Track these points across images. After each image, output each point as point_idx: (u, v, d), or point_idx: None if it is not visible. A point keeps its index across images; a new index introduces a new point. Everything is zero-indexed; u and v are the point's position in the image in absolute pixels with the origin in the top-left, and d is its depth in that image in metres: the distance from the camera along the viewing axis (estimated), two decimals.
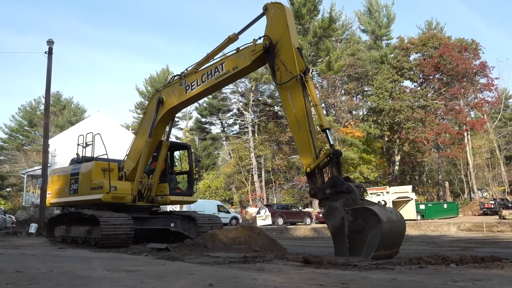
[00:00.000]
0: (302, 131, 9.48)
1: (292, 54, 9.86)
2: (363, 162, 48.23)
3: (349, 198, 8.39)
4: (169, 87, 13.00)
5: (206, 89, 11.99)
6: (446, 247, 14.19)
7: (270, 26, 10.39)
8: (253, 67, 11.41)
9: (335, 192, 8.65)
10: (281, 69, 10.00)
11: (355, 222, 8.15)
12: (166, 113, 13.01)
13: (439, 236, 25.13)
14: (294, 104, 9.68)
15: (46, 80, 21.85)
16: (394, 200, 38.45)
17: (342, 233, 8.34)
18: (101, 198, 12.62)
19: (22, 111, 69.93)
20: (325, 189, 8.84)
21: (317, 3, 46.53)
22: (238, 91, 57.40)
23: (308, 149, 9.37)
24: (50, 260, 7.89)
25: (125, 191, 13.00)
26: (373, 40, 55.16)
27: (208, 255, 8.68)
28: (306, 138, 9.41)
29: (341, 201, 8.47)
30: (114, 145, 13.64)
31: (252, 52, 10.61)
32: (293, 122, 9.74)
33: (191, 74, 12.16)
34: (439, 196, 51.77)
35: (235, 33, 11.57)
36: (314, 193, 9.10)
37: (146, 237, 13.75)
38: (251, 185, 53.43)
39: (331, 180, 8.84)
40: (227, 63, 11.24)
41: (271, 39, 10.20)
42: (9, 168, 59.30)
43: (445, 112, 49.41)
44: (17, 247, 12.13)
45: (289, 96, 9.79)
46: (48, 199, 15.61)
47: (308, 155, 9.34)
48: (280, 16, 10.20)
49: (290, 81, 9.73)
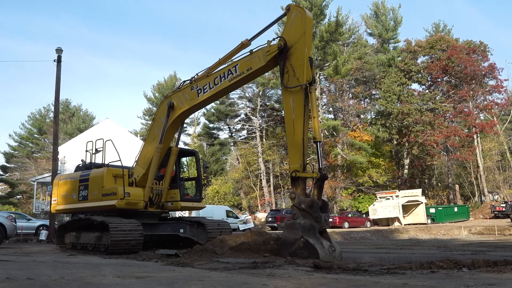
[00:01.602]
0: (296, 137, 9.97)
1: (302, 62, 10.11)
2: (372, 166, 48.03)
3: (312, 226, 9.26)
4: (180, 92, 13.00)
5: (219, 91, 12.14)
6: (457, 251, 14.03)
7: (289, 28, 10.62)
8: (267, 68, 11.61)
9: (307, 212, 9.39)
10: (290, 73, 10.25)
11: (301, 250, 9.15)
12: (177, 118, 13.04)
13: (450, 240, 24.91)
14: (295, 110, 10.06)
15: (55, 88, 22.02)
16: (403, 204, 38.25)
17: (288, 248, 9.36)
18: (115, 204, 12.57)
19: (32, 119, 70.58)
20: (302, 203, 9.54)
21: (323, 7, 46.65)
22: (246, 96, 57.50)
23: (297, 155, 9.91)
24: (61, 267, 7.91)
25: (138, 197, 12.99)
26: (380, 44, 55.07)
27: (218, 261, 8.66)
28: (298, 144, 9.93)
29: (305, 222, 9.29)
30: (123, 152, 13.64)
31: (267, 52, 10.80)
32: (290, 127, 10.17)
33: (203, 78, 12.26)
34: (449, 200, 51.35)
35: (247, 39, 11.69)
36: (294, 197, 9.72)
37: (156, 243, 13.76)
38: (259, 190, 53.37)
39: (310, 201, 9.48)
40: (240, 65, 11.40)
41: (286, 41, 10.42)
42: (19, 176, 59.87)
43: (454, 115, 49.11)
44: (28, 254, 12.19)
45: (292, 101, 10.17)
46: (54, 206, 15.26)
47: (296, 161, 9.91)
48: (301, 21, 10.39)
49: (295, 87, 10.05)
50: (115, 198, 12.63)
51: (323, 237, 9.44)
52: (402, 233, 31.63)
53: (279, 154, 54.74)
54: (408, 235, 30.92)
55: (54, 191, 15.34)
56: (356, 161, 45.20)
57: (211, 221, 15.10)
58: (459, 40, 52.05)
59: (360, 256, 11.65)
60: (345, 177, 47.36)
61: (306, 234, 9.14)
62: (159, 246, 13.43)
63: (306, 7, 44.37)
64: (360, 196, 47.53)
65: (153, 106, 66.10)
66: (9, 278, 5.99)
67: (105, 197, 12.97)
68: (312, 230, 9.23)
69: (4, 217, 15.67)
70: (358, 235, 29.74)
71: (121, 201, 12.57)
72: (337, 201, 47.31)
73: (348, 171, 48.41)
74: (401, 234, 31.49)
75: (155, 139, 13.22)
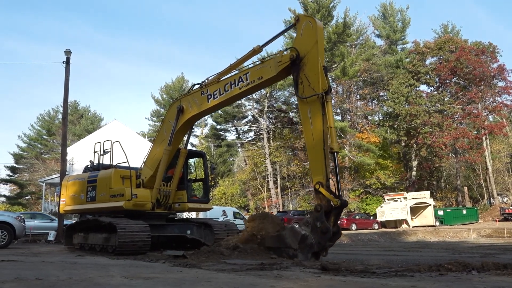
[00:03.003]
0: (317, 148, 9.78)
1: (317, 71, 10.00)
2: (380, 168, 47.81)
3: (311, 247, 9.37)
4: (190, 96, 12.99)
5: (228, 99, 12.09)
6: (466, 254, 13.94)
7: (300, 39, 10.54)
8: (278, 78, 11.54)
9: (318, 233, 9.37)
10: (304, 83, 10.14)
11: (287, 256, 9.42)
12: (186, 122, 13.05)
13: (459, 242, 24.73)
14: (313, 121, 9.89)
15: (64, 90, 22.16)
16: (411, 206, 38.04)
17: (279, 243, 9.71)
18: (122, 206, 12.62)
19: (41, 120, 71.10)
20: (319, 222, 9.43)
21: (331, 8, 46.55)
22: (253, 97, 57.40)
23: (320, 167, 9.74)
24: (69, 268, 7.96)
25: (145, 199, 13.02)
26: (388, 45, 54.84)
27: (225, 262, 8.66)
28: (319, 155, 9.74)
29: (308, 239, 9.33)
30: (131, 153, 13.70)
31: (278, 63, 10.73)
32: (309, 138, 9.98)
33: (213, 84, 12.19)
34: (458, 202, 50.97)
35: (259, 45, 11.65)
36: (319, 210, 9.51)
37: (163, 244, 13.79)
38: (266, 191, 53.33)
39: (325, 228, 9.38)
40: (251, 73, 11.33)
41: (298, 51, 10.33)
42: (28, 177, 60.32)
43: (462, 116, 48.76)
44: (36, 254, 12.28)
45: (309, 112, 10.00)
46: (62, 207, 15.27)
47: (319, 172, 9.72)
48: (311, 30, 10.32)
49: (311, 97, 9.91)
50: (123, 200, 12.69)
51: (314, 258, 9.50)
52: (410, 235, 31.47)
53: (286, 155, 54.65)
54: (416, 237, 30.75)
55: (63, 192, 15.40)
56: (363, 162, 45.02)
57: (218, 222, 15.13)
58: (468, 41, 51.69)
59: (368, 258, 11.59)
60: (352, 178, 47.18)
61: (301, 250, 9.30)
62: (166, 247, 13.46)
63: (314, 8, 44.54)
64: (368, 198, 47.33)
65: (161, 108, 66.32)
66: (18, 278, 6.04)
67: (113, 198, 13.03)
68: (309, 249, 9.38)
69: (13, 217, 15.81)
70: (365, 237, 29.64)
71: (128, 202, 12.63)
72: None
73: (356, 172, 48.24)
74: (409, 236, 31.33)
75: (164, 141, 13.26)
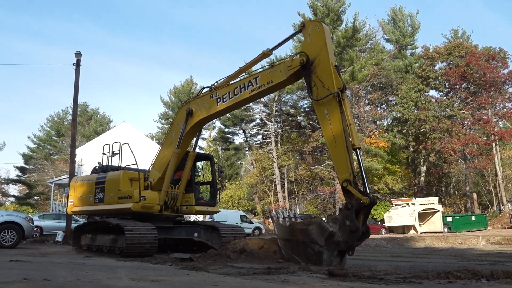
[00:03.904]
0: (339, 146, 9.65)
1: (330, 71, 10.00)
2: (388, 173, 47.54)
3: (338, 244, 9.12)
4: (199, 99, 13.07)
5: (238, 102, 12.15)
6: (475, 261, 13.78)
7: (308, 43, 10.61)
8: (288, 82, 11.58)
9: (347, 231, 9.11)
10: (318, 85, 10.11)
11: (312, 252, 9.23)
12: (195, 125, 13.13)
13: (467, 250, 24.47)
14: (331, 120, 9.81)
15: (73, 91, 22.32)
16: (420, 211, 37.75)
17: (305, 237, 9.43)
18: (130, 208, 12.67)
19: (50, 122, 71.65)
20: (349, 220, 9.17)
21: (340, 13, 46.52)
22: (261, 101, 57.41)
23: (344, 165, 9.58)
24: (77, 269, 7.99)
25: (153, 201, 13.05)
26: (398, 50, 54.63)
27: (232, 266, 8.65)
28: (343, 153, 9.60)
29: (335, 237, 9.09)
30: (139, 155, 13.76)
31: (288, 67, 10.78)
32: (330, 138, 9.87)
33: (223, 87, 12.25)
34: (466, 208, 50.52)
35: (269, 48, 11.74)
36: (350, 208, 9.24)
37: (170, 246, 13.81)
38: (274, 195, 53.26)
39: (355, 227, 9.11)
40: (261, 77, 11.40)
41: (308, 55, 10.36)
42: (37, 177, 60.76)
43: (472, 122, 48.40)
44: (44, 255, 12.34)
45: (326, 112, 9.93)
46: (70, 207, 15.34)
47: (344, 170, 9.56)
48: (319, 33, 10.39)
49: (327, 97, 9.84)
50: (131, 201, 12.73)
51: (339, 256, 9.29)
52: (418, 241, 31.22)
53: (294, 159, 54.57)
54: (424, 244, 30.51)
55: (71, 193, 15.46)
56: (371, 167, 44.79)
57: (225, 225, 15.12)
58: (478, 47, 51.37)
59: (375, 264, 11.51)
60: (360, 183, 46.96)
61: (327, 246, 9.06)
62: (173, 250, 13.49)
63: (323, 12, 44.54)
64: None
65: (170, 110, 66.53)
66: (26, 278, 6.07)
67: (121, 200, 13.07)
68: (335, 247, 9.14)
69: (22, 217, 15.92)
70: (373, 243, 29.44)
71: (136, 204, 12.67)
72: None
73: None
74: (417, 242, 31.09)
75: (172, 144, 13.31)
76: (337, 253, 9.18)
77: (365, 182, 9.70)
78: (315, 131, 50.10)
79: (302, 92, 54.10)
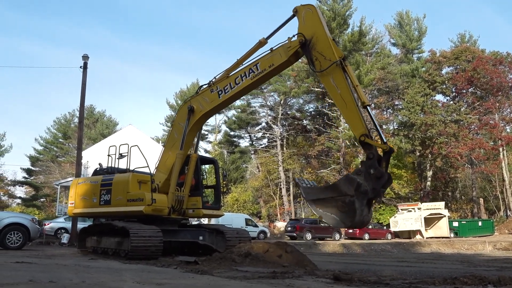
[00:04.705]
0: (350, 106, 10.21)
1: (328, 44, 10.61)
2: (394, 177, 47.30)
3: (366, 193, 9.31)
4: (199, 96, 13.33)
5: (241, 90, 12.49)
6: (481, 267, 13.68)
7: (303, 25, 11.15)
8: (289, 63, 12.02)
9: (373, 179, 9.37)
10: (320, 59, 10.70)
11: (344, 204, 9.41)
12: (198, 121, 13.33)
13: (474, 255, 24.28)
14: (338, 85, 10.39)
15: (80, 94, 22.50)
16: (426, 216, 37.55)
17: (334, 193, 9.64)
18: (142, 210, 12.55)
19: (57, 124, 72.02)
20: (372, 168, 9.46)
21: (347, 17, 46.53)
22: (267, 105, 57.62)
23: (358, 122, 10.13)
24: (82, 271, 8.01)
25: (163, 204, 12.98)
26: (404, 54, 54.49)
27: (237, 269, 8.63)
28: (354, 111, 10.15)
29: (363, 185, 9.32)
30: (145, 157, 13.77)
31: (288, 48, 11.34)
32: (340, 101, 10.43)
33: (223, 80, 12.61)
34: (473, 213, 50.24)
35: (264, 37, 12.17)
36: (371, 157, 9.61)
37: (175, 249, 13.79)
38: (279, 199, 53.20)
39: (380, 173, 9.43)
40: (262, 63, 11.87)
41: (304, 35, 10.94)
42: (43, 179, 61.03)
43: (479, 127, 48.17)
44: (50, 257, 12.39)
45: (332, 80, 10.49)
46: (71, 209, 14.94)
47: (359, 127, 10.07)
48: (312, 15, 11.03)
49: (330, 67, 10.40)
50: (143, 204, 12.62)
51: (368, 205, 9.58)
52: (424, 247, 31.04)
53: (299, 163, 54.53)
54: (430, 249, 30.32)
55: (72, 194, 15.13)
56: None
57: (230, 229, 15.07)
58: (485, 51, 51.21)
59: (381, 269, 11.47)
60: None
61: (357, 196, 9.35)
62: (178, 253, 13.46)
63: (329, 17, 44.54)
64: (381, 207, 46.87)
65: (175, 113, 66.61)
66: (32, 280, 6.09)
67: (131, 203, 12.94)
68: (364, 196, 9.40)
69: (28, 219, 15.99)
70: (378, 247, 29.31)
71: (148, 207, 12.58)
72: None
73: None
74: (423, 247, 30.90)
75: (175, 145, 13.37)
76: (366, 203, 9.46)
77: (381, 133, 10.22)
78: (320, 134, 50.08)
79: (308, 96, 54.17)
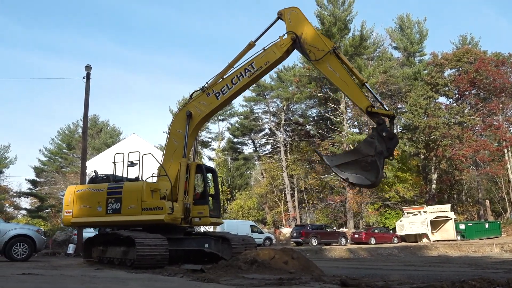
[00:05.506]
0: (350, 85, 11.44)
1: (318, 37, 12.03)
2: (399, 181, 47.23)
3: (382, 153, 10.71)
4: (195, 101, 13.64)
5: (238, 90, 13.16)
6: (490, 269, 13.58)
7: (290, 25, 12.39)
8: (282, 59, 12.98)
9: (384, 140, 10.72)
10: (313, 50, 11.93)
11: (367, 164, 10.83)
12: (197, 125, 13.78)
13: (481, 258, 24.12)
14: (335, 69, 11.58)
15: (84, 104, 22.59)
16: (432, 219, 37.36)
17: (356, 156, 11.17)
18: (163, 219, 12.49)
19: (61, 134, 72.23)
20: (384, 132, 10.80)
21: (347, 21, 46.60)
22: (270, 111, 57.65)
23: (361, 96, 11.48)
24: (88, 282, 7.99)
25: (178, 212, 12.96)
26: (406, 57, 54.47)
27: (243, 277, 8.60)
28: (355, 89, 11.46)
29: (380, 146, 10.72)
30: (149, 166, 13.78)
31: (281, 46, 12.46)
32: (340, 82, 11.59)
33: (218, 83, 13.19)
34: (479, 215, 49.90)
35: (252, 40, 13.11)
36: (381, 123, 10.93)
37: (181, 258, 13.75)
38: (284, 205, 53.07)
39: (392, 134, 10.86)
40: (256, 61, 12.78)
41: (295, 32, 12.19)
42: (48, 190, 61.13)
43: (483, 128, 47.99)
44: (56, 267, 12.37)
45: (329, 66, 11.68)
46: (68, 218, 13.95)
47: (363, 100, 11.45)
48: (297, 15, 12.41)
49: (325, 55, 11.61)
50: (162, 213, 12.55)
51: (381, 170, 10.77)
52: (431, 250, 30.86)
53: (303, 168, 54.43)
54: (437, 252, 30.14)
55: (68, 203, 14.22)
56: None
57: (236, 236, 15.05)
58: (487, 53, 51.09)
59: (388, 273, 11.40)
60: (371, 192, 46.61)
61: (377, 156, 10.65)
62: (184, 261, 13.42)
63: (330, 21, 44.67)
64: (387, 211, 46.70)
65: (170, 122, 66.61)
66: None
67: (148, 212, 12.77)
68: (381, 155, 10.73)
69: (34, 230, 16.01)
70: (385, 252, 29.17)
71: (168, 216, 12.57)
72: (363, 217, 46.57)
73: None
74: (429, 251, 30.72)
75: (176, 152, 13.50)
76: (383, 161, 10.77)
77: (382, 103, 11.79)
78: (324, 140, 50.01)
79: (311, 101, 54.18)
